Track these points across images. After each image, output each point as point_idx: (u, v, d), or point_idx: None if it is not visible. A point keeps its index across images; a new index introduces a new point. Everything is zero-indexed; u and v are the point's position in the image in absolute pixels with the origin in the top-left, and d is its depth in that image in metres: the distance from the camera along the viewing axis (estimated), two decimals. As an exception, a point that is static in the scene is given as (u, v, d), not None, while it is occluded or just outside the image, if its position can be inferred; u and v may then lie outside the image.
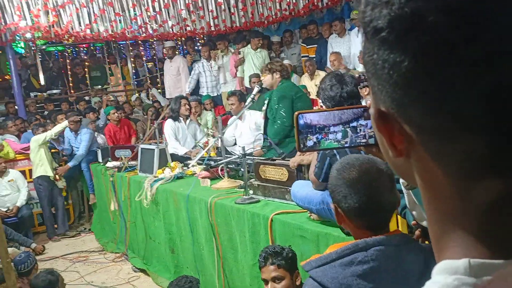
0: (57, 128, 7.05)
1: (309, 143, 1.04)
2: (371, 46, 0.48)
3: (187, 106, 6.23)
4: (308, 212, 3.12)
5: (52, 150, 7.42)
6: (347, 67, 7.04)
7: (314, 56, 8.42)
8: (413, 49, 0.44)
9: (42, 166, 7.06)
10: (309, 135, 1.03)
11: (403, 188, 1.53)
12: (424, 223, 1.66)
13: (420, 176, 0.52)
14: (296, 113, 1.03)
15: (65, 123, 7.11)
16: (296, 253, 2.83)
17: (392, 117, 0.49)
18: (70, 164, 7.35)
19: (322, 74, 7.54)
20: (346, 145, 1.04)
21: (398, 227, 2.53)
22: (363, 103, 3.41)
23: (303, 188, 3.10)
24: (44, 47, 12.21)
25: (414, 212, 1.65)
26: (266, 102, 4.98)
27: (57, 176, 7.30)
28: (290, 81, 5.60)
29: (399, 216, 2.44)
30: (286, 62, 8.20)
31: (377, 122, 0.51)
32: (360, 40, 7.24)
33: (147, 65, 13.31)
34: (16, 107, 9.53)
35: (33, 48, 11.66)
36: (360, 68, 6.78)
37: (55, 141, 7.43)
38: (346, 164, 1.54)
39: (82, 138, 7.33)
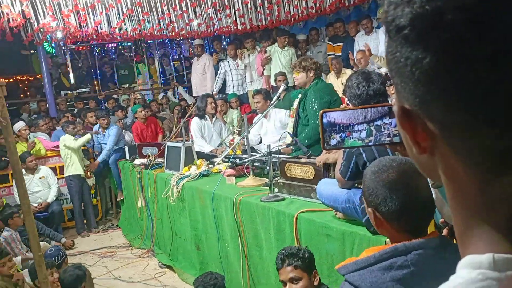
0: (81, 141, 7.22)
1: (333, 142, 1.04)
2: (394, 44, 0.50)
3: (213, 105, 6.29)
4: (334, 210, 3.12)
5: (83, 148, 7.57)
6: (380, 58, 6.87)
7: (340, 54, 8.37)
8: (433, 46, 0.45)
9: (72, 165, 7.24)
10: (333, 133, 1.04)
11: (430, 187, 1.51)
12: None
13: (444, 172, 0.52)
14: (320, 111, 1.04)
15: (87, 136, 7.30)
16: (313, 253, 2.84)
17: (415, 114, 0.50)
18: (99, 159, 7.51)
19: (348, 72, 7.47)
20: (370, 143, 1.04)
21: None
22: (390, 102, 3.38)
23: (328, 187, 3.09)
24: (74, 46, 12.44)
25: (443, 210, 1.63)
26: (297, 100, 4.84)
27: (88, 173, 7.46)
28: (325, 81, 5.48)
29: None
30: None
31: (401, 119, 0.52)
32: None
33: (173, 63, 13.45)
34: (47, 105, 9.76)
35: (63, 47, 11.91)
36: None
37: None
38: (382, 166, 1.49)
39: (109, 133, 7.53)
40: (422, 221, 1.50)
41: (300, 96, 4.83)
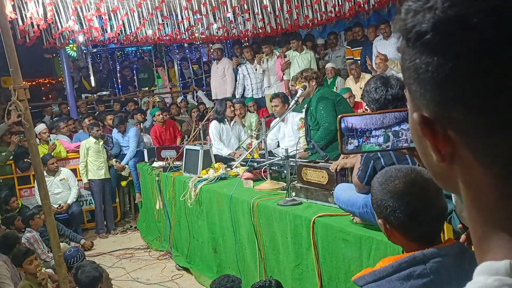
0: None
1: (350, 147, 1.05)
2: (413, 52, 0.50)
3: (232, 108, 6.32)
4: (351, 215, 3.11)
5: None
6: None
7: (359, 58, 8.33)
8: (457, 50, 0.46)
9: (93, 171, 7.35)
10: (350, 138, 1.05)
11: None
12: None
13: (463, 180, 0.52)
14: (339, 116, 1.05)
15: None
16: (280, 282, 2.92)
17: (436, 121, 0.50)
18: (123, 162, 7.61)
19: (367, 76, 7.44)
20: (387, 148, 1.05)
21: (444, 233, 2.48)
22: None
23: (346, 191, 3.09)
24: (94, 50, 12.62)
25: (463, 214, 1.62)
26: (304, 110, 4.93)
27: (118, 165, 7.61)
28: (325, 87, 5.55)
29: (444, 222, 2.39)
30: (330, 65, 8.14)
31: (422, 127, 0.52)
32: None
33: (192, 67, 13.54)
34: (68, 108, 9.91)
35: (84, 51, 12.09)
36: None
37: (104, 142, 7.68)
38: (389, 176, 1.47)
39: (129, 135, 7.65)
40: (433, 230, 1.48)
41: (306, 106, 4.91)
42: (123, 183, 7.86)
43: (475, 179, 0.50)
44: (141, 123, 8.40)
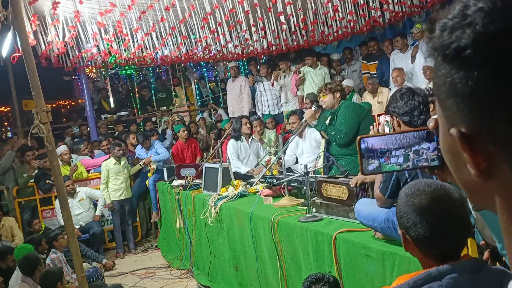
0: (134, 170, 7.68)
1: (371, 167, 1.06)
2: (449, 68, 0.51)
3: (248, 125, 6.34)
4: (373, 230, 3.08)
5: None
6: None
7: (375, 72, 8.33)
8: (498, 64, 0.47)
9: (112, 192, 7.44)
10: (371, 159, 1.05)
11: (471, 209, 1.48)
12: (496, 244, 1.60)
13: (501, 195, 0.52)
14: (358, 137, 1.06)
15: (137, 167, 7.78)
16: (337, 278, 2.87)
17: (475, 137, 0.51)
18: (153, 159, 7.66)
19: (385, 91, 7.42)
20: (408, 168, 1.05)
21: (468, 248, 2.45)
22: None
23: (367, 206, 3.07)
24: (113, 71, 12.83)
25: (485, 231, 1.60)
26: (327, 121, 4.90)
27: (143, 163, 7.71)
28: (350, 101, 5.54)
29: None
30: (346, 82, 8.11)
31: (461, 142, 0.52)
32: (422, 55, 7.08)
33: (209, 85, 13.66)
34: (88, 129, 10.06)
35: (103, 73, 12.30)
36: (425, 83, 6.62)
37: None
38: (416, 190, 1.47)
39: (155, 146, 7.86)
40: (452, 248, 1.46)
41: (329, 117, 4.88)
42: (149, 175, 7.82)
43: None
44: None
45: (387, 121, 4.45)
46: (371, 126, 3.09)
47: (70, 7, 5.48)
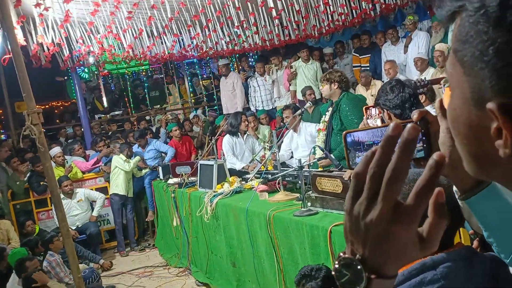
0: (132, 163, 7.49)
1: (358, 160, 1.06)
2: (495, 32, 0.47)
3: (246, 122, 6.33)
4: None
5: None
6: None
7: (367, 65, 8.33)
8: None
9: (117, 185, 7.43)
10: (357, 152, 1.05)
11: (457, 199, 1.48)
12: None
13: None
14: (343, 132, 1.06)
15: (137, 158, 7.62)
16: (330, 269, 2.83)
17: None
18: (166, 160, 7.74)
19: (378, 83, 7.42)
20: None
21: (460, 237, 2.46)
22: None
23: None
24: (106, 71, 12.78)
25: (472, 220, 1.60)
26: (328, 113, 4.88)
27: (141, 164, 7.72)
28: (352, 93, 5.50)
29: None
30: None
31: (502, 117, 0.48)
32: (423, 43, 7.07)
33: (203, 83, 13.64)
34: (82, 129, 10.01)
35: (96, 72, 12.25)
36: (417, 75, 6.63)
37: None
38: (406, 179, 1.48)
39: (155, 144, 7.95)
40: (444, 238, 1.46)
41: (330, 108, 4.86)
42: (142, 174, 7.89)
43: None
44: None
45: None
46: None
47: (58, 8, 5.44)
